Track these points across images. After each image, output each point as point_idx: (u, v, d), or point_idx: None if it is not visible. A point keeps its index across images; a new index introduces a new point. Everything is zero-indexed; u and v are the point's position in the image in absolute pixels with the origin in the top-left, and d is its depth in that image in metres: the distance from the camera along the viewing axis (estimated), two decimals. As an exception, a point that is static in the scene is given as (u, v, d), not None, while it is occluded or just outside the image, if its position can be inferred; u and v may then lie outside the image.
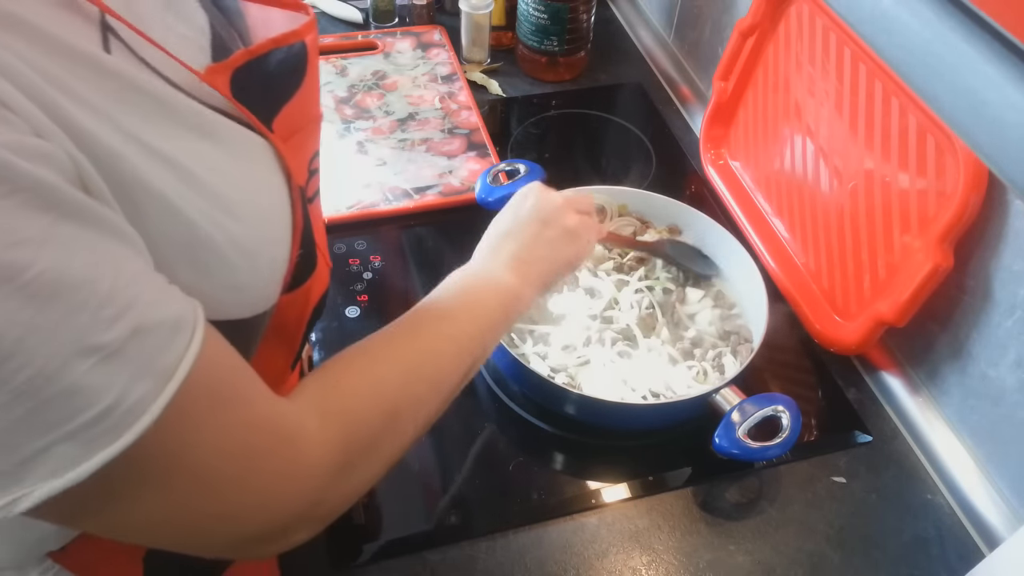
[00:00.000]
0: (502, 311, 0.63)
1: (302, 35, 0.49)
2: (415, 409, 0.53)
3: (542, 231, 0.70)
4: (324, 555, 0.70)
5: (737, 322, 0.85)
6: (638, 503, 0.76)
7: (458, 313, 0.60)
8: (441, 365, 0.56)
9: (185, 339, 0.37)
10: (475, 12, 1.20)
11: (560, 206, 0.72)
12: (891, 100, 0.78)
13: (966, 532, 0.75)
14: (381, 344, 0.55)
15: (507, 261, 0.67)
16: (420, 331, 0.57)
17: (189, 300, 0.39)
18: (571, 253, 0.71)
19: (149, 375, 0.35)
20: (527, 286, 0.66)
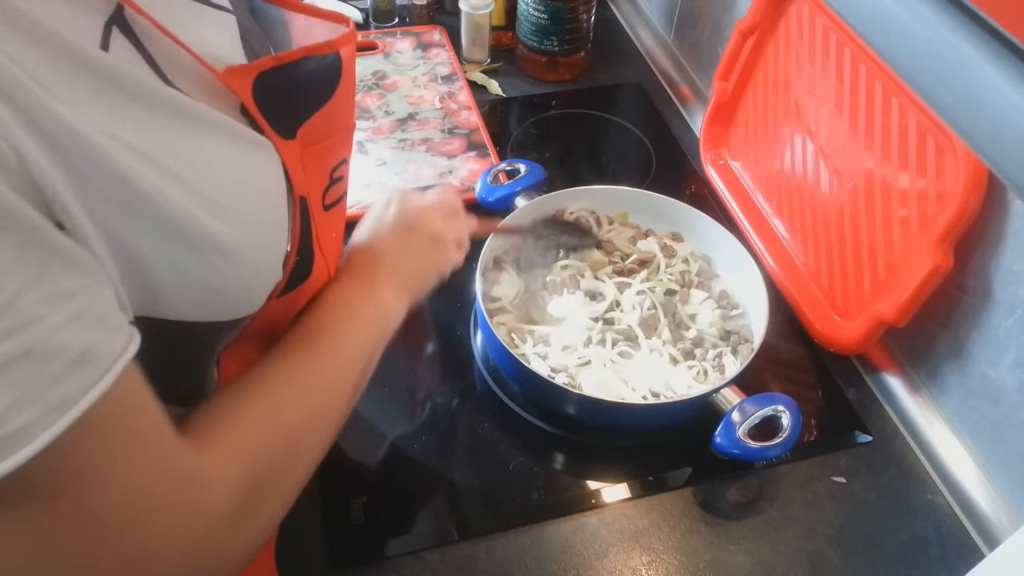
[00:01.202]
0: (380, 329, 0.61)
1: (336, 46, 0.50)
2: (314, 431, 0.52)
3: (407, 239, 0.67)
4: (324, 555, 0.70)
5: (739, 322, 0.85)
6: (638, 503, 0.76)
7: (339, 328, 0.58)
8: (332, 382, 0.55)
9: (91, 374, 0.35)
10: (475, 12, 1.20)
11: (422, 211, 0.69)
12: (891, 100, 0.78)
13: (966, 532, 0.75)
14: (270, 368, 0.52)
15: (376, 273, 0.64)
16: (306, 350, 0.54)
17: (120, 332, 0.37)
18: (438, 259, 0.69)
19: (35, 404, 0.33)
20: (397, 297, 0.64)
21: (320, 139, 0.51)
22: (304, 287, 0.54)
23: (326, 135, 0.52)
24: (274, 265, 0.48)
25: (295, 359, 0.53)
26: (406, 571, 0.70)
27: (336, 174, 0.56)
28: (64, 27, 0.36)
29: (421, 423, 0.81)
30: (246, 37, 0.49)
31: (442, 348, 0.89)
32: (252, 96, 0.44)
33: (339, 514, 0.73)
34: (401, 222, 0.68)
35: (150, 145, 0.39)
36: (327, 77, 0.50)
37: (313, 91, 0.50)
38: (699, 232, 0.92)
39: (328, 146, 0.53)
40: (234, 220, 0.43)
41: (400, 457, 0.78)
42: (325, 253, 0.57)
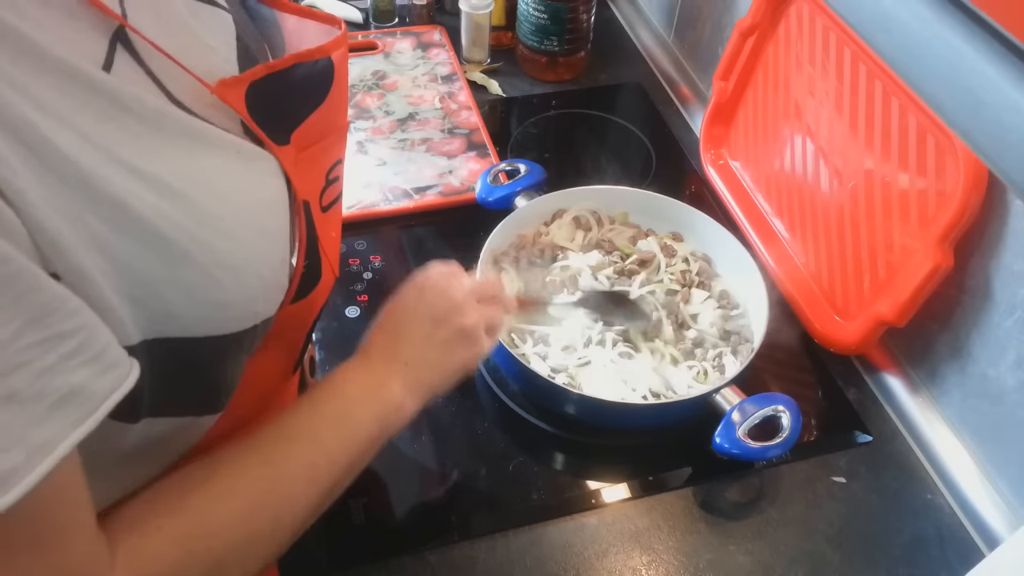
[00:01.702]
0: (378, 427, 0.57)
1: (328, 51, 0.49)
2: (244, 558, 0.48)
3: (435, 332, 0.62)
4: (324, 555, 0.70)
5: (739, 322, 0.85)
6: (638, 503, 0.76)
7: (326, 430, 0.54)
8: (292, 496, 0.51)
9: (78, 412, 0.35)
10: (475, 12, 1.20)
11: (457, 303, 0.64)
12: (891, 100, 0.78)
13: (966, 532, 0.75)
14: (225, 473, 0.48)
15: (392, 365, 0.60)
16: (274, 456, 0.51)
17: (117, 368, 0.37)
18: (466, 356, 0.64)
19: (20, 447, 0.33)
20: (411, 395, 0.59)
21: (314, 142, 0.51)
22: (316, 292, 0.55)
23: (320, 137, 0.52)
24: (278, 274, 0.48)
25: (256, 467, 0.50)
26: (406, 571, 0.70)
27: (332, 175, 0.55)
28: (69, 50, 0.36)
29: (421, 423, 0.81)
30: (242, 37, 0.49)
31: (442, 348, 0.89)
32: (246, 106, 0.44)
33: (339, 514, 0.73)
34: (430, 314, 0.63)
35: (157, 167, 0.39)
36: (319, 81, 0.50)
37: (306, 96, 0.50)
38: (699, 232, 0.92)
39: (323, 148, 0.52)
40: (238, 236, 0.44)
41: (400, 457, 0.78)
42: (328, 254, 0.57)
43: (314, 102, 0.50)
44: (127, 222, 0.38)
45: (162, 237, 0.39)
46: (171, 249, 0.40)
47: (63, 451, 0.35)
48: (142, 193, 0.38)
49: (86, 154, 0.36)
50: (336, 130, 0.55)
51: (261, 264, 0.46)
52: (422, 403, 0.61)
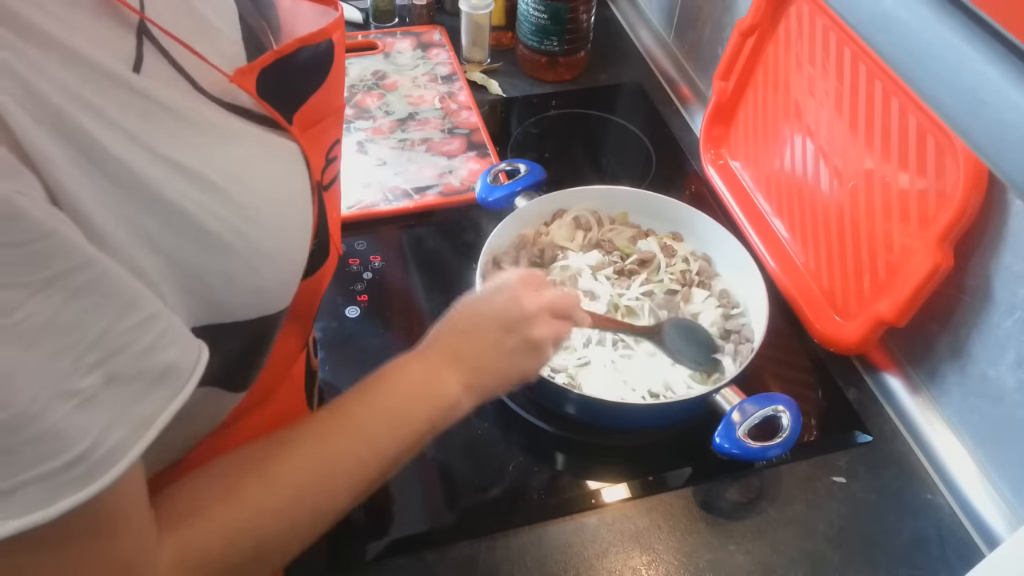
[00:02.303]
0: (430, 425, 0.57)
1: (329, 33, 0.50)
2: (284, 547, 0.50)
3: (503, 339, 0.62)
4: (324, 555, 0.70)
5: (739, 321, 0.85)
6: (638, 503, 0.76)
7: (376, 425, 0.55)
8: (336, 489, 0.52)
9: (173, 386, 0.38)
10: (475, 12, 1.20)
11: (531, 314, 0.63)
12: (891, 100, 0.78)
13: (966, 532, 0.75)
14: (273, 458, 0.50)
15: (455, 364, 0.60)
16: (324, 444, 0.52)
17: (193, 345, 0.40)
18: (528, 367, 0.64)
19: (124, 424, 0.36)
20: (468, 396, 0.60)
21: (315, 122, 0.52)
22: (324, 269, 0.56)
23: (320, 118, 0.52)
24: (304, 255, 0.50)
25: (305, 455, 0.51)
26: (406, 571, 0.70)
27: (331, 154, 0.56)
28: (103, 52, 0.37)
29: (421, 423, 0.81)
30: (244, 17, 0.49)
31: (442, 348, 0.89)
32: (257, 91, 0.45)
33: (339, 514, 0.73)
34: (502, 321, 0.63)
35: (198, 162, 0.41)
36: (321, 63, 0.51)
37: (307, 78, 0.50)
38: (699, 232, 0.92)
39: (323, 128, 0.53)
40: (272, 224, 0.45)
41: None
42: (332, 232, 0.58)
43: (315, 84, 0.51)
44: (177, 219, 0.39)
45: (208, 231, 0.41)
46: (216, 242, 0.41)
47: (162, 423, 0.37)
48: (187, 189, 0.40)
49: (134, 154, 0.37)
50: (334, 110, 0.55)
51: (293, 250, 0.48)
52: (476, 404, 0.61)
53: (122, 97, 0.37)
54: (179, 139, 0.40)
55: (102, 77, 0.37)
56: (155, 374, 0.37)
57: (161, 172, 0.38)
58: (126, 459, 0.36)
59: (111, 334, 0.35)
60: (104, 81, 0.37)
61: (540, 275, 0.68)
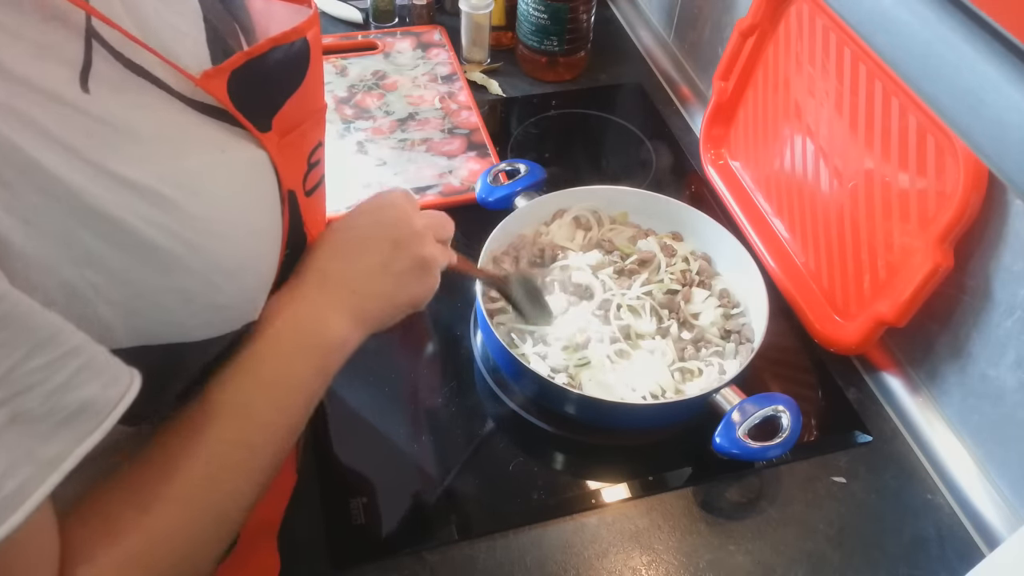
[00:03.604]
0: (320, 378, 0.52)
1: (303, 32, 0.49)
2: (196, 558, 0.46)
3: (392, 258, 0.56)
4: (324, 555, 0.70)
5: (739, 321, 0.85)
6: (638, 503, 0.76)
7: (258, 404, 0.48)
8: (233, 490, 0.47)
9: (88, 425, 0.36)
10: (475, 12, 1.20)
11: (419, 231, 0.58)
12: (891, 100, 0.78)
13: (966, 532, 0.75)
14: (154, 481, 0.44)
15: (337, 294, 0.53)
16: (204, 450, 0.46)
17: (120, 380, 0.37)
18: (419, 290, 0.59)
19: (29, 464, 0.34)
20: (356, 329, 0.54)
21: (294, 126, 0.50)
22: None
23: (300, 121, 0.51)
24: (271, 269, 0.48)
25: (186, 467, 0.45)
26: (406, 571, 0.70)
27: (313, 158, 0.55)
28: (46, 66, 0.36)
29: (421, 423, 0.81)
30: (209, 18, 0.48)
31: (442, 348, 0.89)
32: (228, 94, 0.44)
33: (339, 514, 0.73)
34: (389, 236, 0.57)
35: (146, 176, 0.39)
36: (296, 63, 0.49)
37: (284, 80, 0.49)
38: (699, 232, 0.92)
39: (302, 132, 0.52)
40: (233, 238, 0.43)
41: (400, 457, 0.78)
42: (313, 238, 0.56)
43: (292, 86, 0.49)
44: (120, 235, 0.37)
45: (157, 247, 0.39)
46: (167, 258, 0.39)
47: (70, 465, 0.35)
48: (134, 204, 0.38)
49: (73, 169, 0.36)
50: (314, 113, 0.53)
51: (258, 262, 0.46)
52: (365, 336, 0.55)
53: (63, 113, 0.36)
54: (126, 153, 0.38)
55: (38, 93, 0.35)
56: (67, 413, 0.35)
57: (104, 187, 0.37)
58: (30, 502, 0.34)
59: (18, 372, 0.33)
60: (41, 97, 0.35)
61: (414, 196, 0.62)
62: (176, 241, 0.40)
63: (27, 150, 0.34)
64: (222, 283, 0.43)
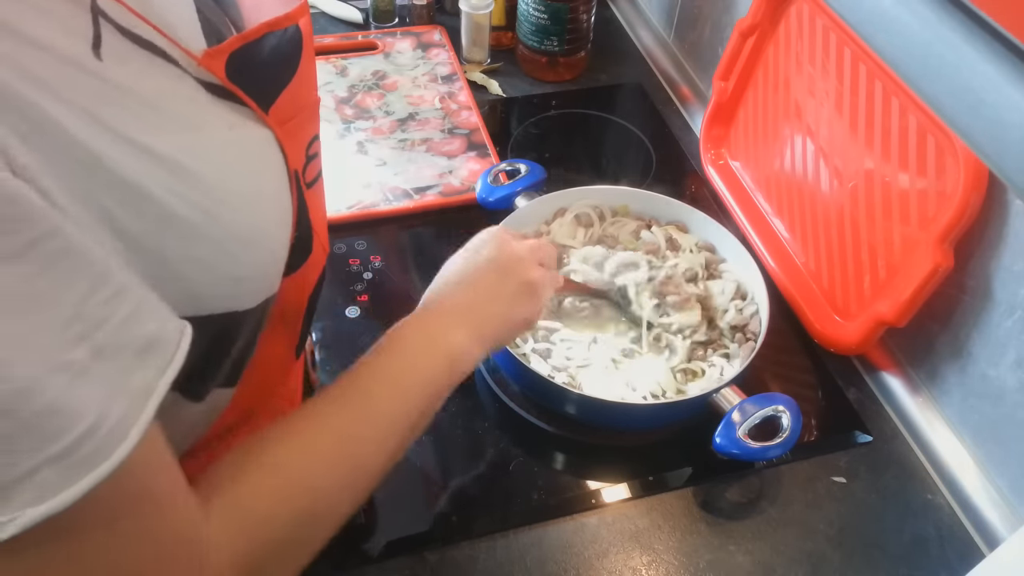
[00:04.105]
0: (446, 377, 0.58)
1: (295, 18, 0.49)
2: (334, 504, 0.51)
3: (500, 283, 0.63)
4: (324, 555, 0.70)
5: (748, 311, 0.85)
6: (638, 503, 0.76)
7: (393, 387, 0.55)
8: (365, 453, 0.52)
9: (161, 358, 0.37)
10: (475, 12, 1.20)
11: (522, 257, 0.65)
12: (891, 100, 0.78)
13: (966, 532, 0.75)
14: (301, 430, 0.50)
15: (458, 315, 0.61)
16: (344, 413, 0.53)
17: (173, 318, 0.38)
18: (529, 311, 0.65)
19: (124, 395, 0.34)
20: (477, 345, 0.60)
21: (291, 117, 0.51)
22: (307, 266, 0.55)
23: (295, 113, 0.51)
24: (284, 243, 0.49)
25: (329, 425, 0.51)
26: (406, 571, 0.70)
27: (311, 150, 0.55)
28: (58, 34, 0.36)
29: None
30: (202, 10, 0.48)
31: (442, 348, 0.89)
32: (227, 77, 0.44)
33: (339, 514, 0.73)
34: (496, 265, 0.64)
35: (165, 145, 0.39)
36: (290, 51, 0.50)
37: (279, 68, 0.49)
38: (699, 232, 0.92)
39: (298, 124, 0.52)
40: (248, 208, 0.44)
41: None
42: (317, 230, 0.57)
43: (287, 76, 0.50)
44: (141, 202, 0.38)
45: (176, 215, 0.39)
46: (186, 227, 0.40)
47: (160, 394, 0.36)
48: (153, 172, 0.38)
49: (94, 134, 0.36)
50: (309, 105, 0.54)
51: (272, 235, 0.47)
52: (485, 354, 0.61)
53: (81, 79, 0.36)
54: (145, 121, 0.38)
55: (58, 58, 0.35)
56: (139, 345, 0.36)
57: (124, 153, 0.37)
58: (135, 430, 0.35)
59: (89, 305, 0.33)
60: (59, 62, 0.35)
61: (513, 230, 0.69)
62: (195, 210, 0.40)
63: (47, 110, 0.34)
64: (239, 253, 0.43)
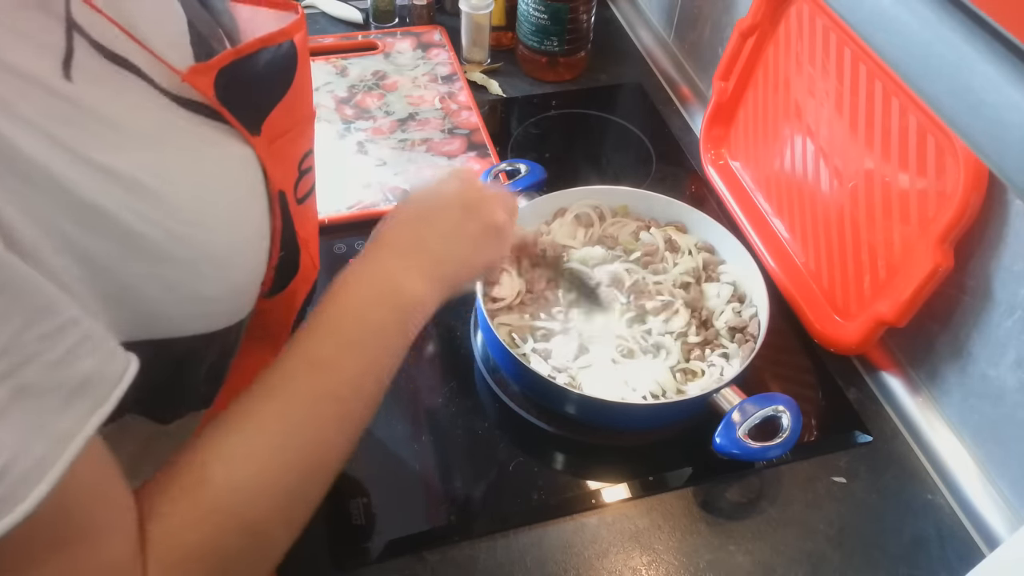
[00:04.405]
0: (402, 336, 0.52)
1: (290, 34, 0.49)
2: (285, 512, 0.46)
3: (464, 222, 0.58)
4: (324, 555, 0.70)
5: (748, 313, 0.85)
6: (638, 503, 0.76)
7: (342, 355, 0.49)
8: (323, 441, 0.47)
9: (93, 399, 0.35)
10: (475, 12, 1.20)
11: (488, 197, 0.61)
12: (891, 100, 0.78)
13: (966, 532, 0.75)
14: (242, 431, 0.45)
15: (413, 256, 0.55)
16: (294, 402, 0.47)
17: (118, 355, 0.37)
18: (492, 254, 0.61)
19: (42, 439, 0.33)
20: (433, 291, 0.55)
21: (284, 131, 0.50)
22: (295, 284, 0.54)
23: (289, 127, 0.51)
24: (260, 264, 0.48)
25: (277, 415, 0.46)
26: (406, 571, 0.70)
27: (304, 165, 0.54)
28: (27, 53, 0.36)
29: (421, 423, 0.81)
30: (194, 24, 0.48)
31: (442, 348, 0.89)
32: (215, 94, 0.44)
33: (339, 514, 0.73)
34: (461, 202, 0.59)
35: (127, 164, 0.38)
36: (284, 66, 0.49)
37: (272, 83, 0.49)
38: (699, 232, 0.92)
39: (291, 138, 0.52)
40: (217, 228, 0.43)
41: (400, 457, 0.78)
42: (307, 246, 0.56)
43: (280, 90, 0.49)
44: (100, 222, 0.37)
45: (138, 235, 0.38)
46: (148, 246, 0.39)
47: (83, 439, 0.34)
48: (114, 191, 0.38)
49: (52, 155, 0.35)
50: (303, 119, 0.54)
51: (246, 256, 0.46)
52: (443, 300, 0.56)
53: (44, 100, 0.36)
54: (105, 141, 0.38)
55: (17, 78, 0.35)
56: (72, 386, 0.34)
57: (82, 174, 0.36)
58: (50, 476, 0.33)
59: (19, 342, 0.32)
60: (21, 81, 0.35)
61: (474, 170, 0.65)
62: (157, 229, 0.39)
63: (4, 134, 0.33)
64: (208, 273, 0.42)
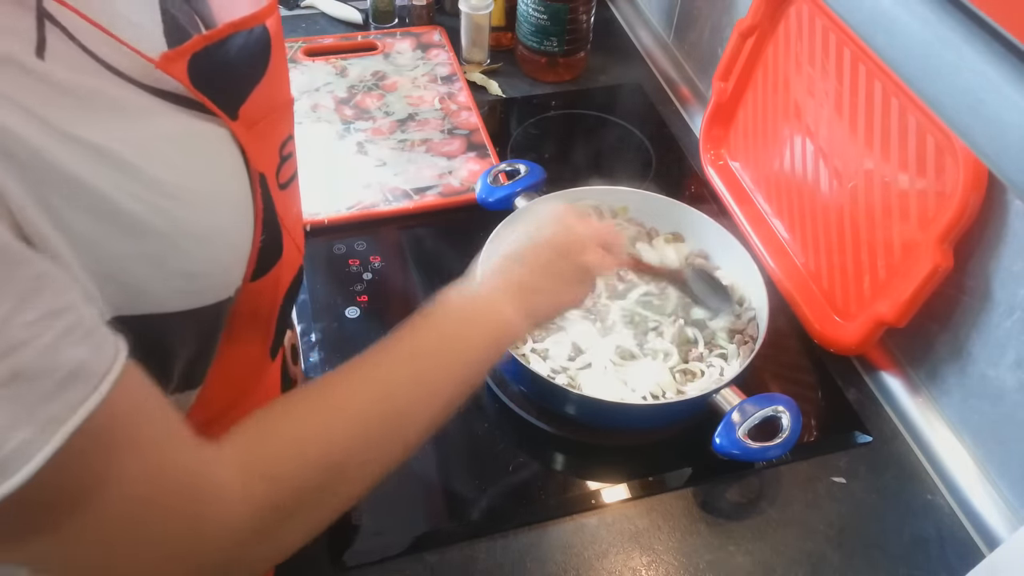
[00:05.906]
0: (494, 347, 0.59)
1: (261, 18, 0.49)
2: (366, 461, 0.50)
3: (555, 261, 0.64)
4: (324, 555, 0.70)
5: (747, 316, 0.85)
6: (638, 503, 0.76)
7: (439, 349, 0.56)
8: (406, 407, 0.52)
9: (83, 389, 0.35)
10: (475, 13, 1.20)
11: (583, 239, 0.66)
12: (891, 100, 0.78)
13: (966, 532, 0.75)
14: (337, 384, 0.51)
15: (509, 288, 0.61)
16: (388, 370, 0.53)
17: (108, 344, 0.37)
18: (578, 293, 0.66)
19: (30, 423, 0.33)
20: (524, 319, 0.61)
21: (261, 117, 0.50)
22: (278, 268, 0.54)
23: (266, 113, 0.51)
24: (245, 242, 0.48)
25: (370, 381, 0.52)
26: (406, 571, 0.70)
27: (285, 151, 0.55)
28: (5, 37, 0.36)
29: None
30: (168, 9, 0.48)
31: (442, 348, 0.89)
32: (189, 79, 0.44)
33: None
34: (554, 243, 0.65)
35: (108, 140, 0.39)
36: (257, 51, 0.50)
37: (247, 68, 0.49)
38: (699, 232, 0.92)
39: (270, 124, 0.52)
40: (200, 204, 0.43)
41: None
42: (291, 231, 0.56)
43: (255, 76, 0.50)
44: (84, 196, 0.37)
45: (121, 210, 0.39)
46: (132, 221, 0.39)
47: (74, 426, 0.35)
48: (96, 166, 0.38)
49: (35, 131, 0.35)
50: (281, 105, 0.54)
51: (229, 233, 0.47)
52: (532, 329, 0.63)
53: (21, 80, 0.36)
54: (87, 119, 0.38)
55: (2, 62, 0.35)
56: (63, 374, 0.34)
57: (65, 150, 0.36)
58: (34, 461, 0.33)
59: (11, 325, 0.32)
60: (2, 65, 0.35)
61: (580, 206, 0.69)
62: (141, 204, 0.40)
63: None
64: (192, 248, 0.43)
